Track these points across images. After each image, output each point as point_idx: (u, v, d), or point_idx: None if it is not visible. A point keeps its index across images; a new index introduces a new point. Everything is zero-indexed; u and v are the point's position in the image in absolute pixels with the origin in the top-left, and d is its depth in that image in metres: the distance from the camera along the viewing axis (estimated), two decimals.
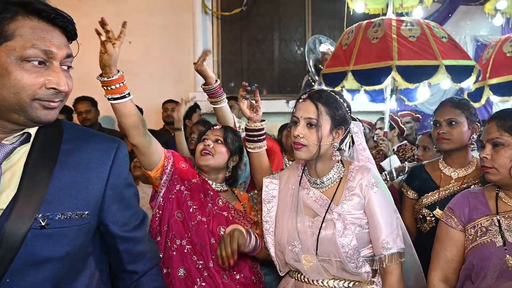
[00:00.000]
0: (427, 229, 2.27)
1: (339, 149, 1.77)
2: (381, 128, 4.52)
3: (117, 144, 1.24)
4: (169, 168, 2.02)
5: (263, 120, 2.14)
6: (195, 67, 2.38)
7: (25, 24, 1.02)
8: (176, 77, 5.82)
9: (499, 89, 4.04)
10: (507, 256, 1.54)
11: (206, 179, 2.13)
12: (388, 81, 3.31)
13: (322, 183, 1.77)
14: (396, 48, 3.21)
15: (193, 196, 2.02)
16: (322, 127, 1.69)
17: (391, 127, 4.57)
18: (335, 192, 1.73)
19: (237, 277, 1.97)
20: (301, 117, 1.72)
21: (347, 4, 4.55)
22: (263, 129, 2.11)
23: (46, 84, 1.04)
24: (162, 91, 5.43)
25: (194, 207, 1.99)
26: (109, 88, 1.74)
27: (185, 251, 1.93)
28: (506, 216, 1.61)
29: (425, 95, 4.05)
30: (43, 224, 1.05)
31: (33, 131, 1.12)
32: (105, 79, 1.72)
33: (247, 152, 2.18)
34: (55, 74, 1.06)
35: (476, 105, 4.31)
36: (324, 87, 3.56)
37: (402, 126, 4.57)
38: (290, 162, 2.74)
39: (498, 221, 1.61)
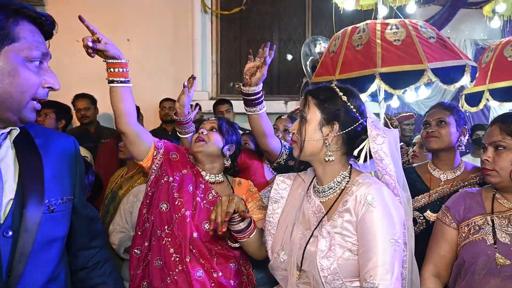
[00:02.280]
0: (417, 232, 2.25)
1: (354, 157, 1.60)
2: None
3: (73, 139, 1.42)
4: (158, 157, 2.05)
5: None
6: (180, 98, 2.37)
7: (26, 28, 1.14)
8: (174, 76, 5.81)
9: (499, 94, 3.96)
10: (497, 254, 1.58)
11: (200, 170, 2.12)
12: (374, 87, 3.27)
13: (324, 191, 1.58)
14: (380, 54, 3.14)
15: (181, 188, 2.01)
16: (308, 120, 1.54)
17: None
18: (332, 205, 1.54)
19: (214, 275, 1.94)
20: (298, 112, 1.65)
21: (335, 3, 4.48)
22: (258, 93, 2.07)
23: (43, 83, 1.16)
24: (160, 90, 5.41)
25: (180, 199, 1.99)
26: (116, 71, 1.82)
27: (163, 242, 1.95)
28: (500, 216, 1.66)
29: (424, 93, 4.06)
30: (52, 208, 1.23)
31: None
32: (116, 61, 1.81)
33: (248, 115, 2.17)
34: (49, 74, 1.18)
35: (474, 109, 4.27)
36: None
37: (392, 128, 4.52)
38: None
39: (492, 220, 1.65)
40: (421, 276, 1.74)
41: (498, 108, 5.04)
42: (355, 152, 1.57)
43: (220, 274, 1.95)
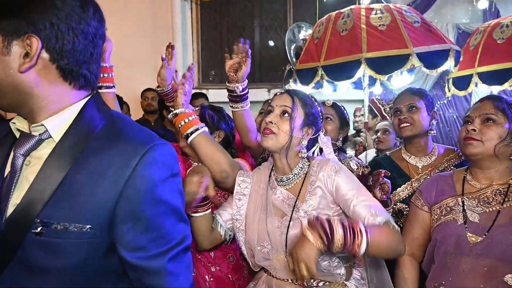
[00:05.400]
0: (403, 223, 2.25)
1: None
2: (363, 115, 4.47)
3: (147, 147, 1.00)
4: None
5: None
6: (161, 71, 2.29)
7: None
8: (155, 65, 5.61)
9: (488, 78, 3.90)
10: (468, 233, 1.62)
11: (193, 163, 2.09)
12: (361, 73, 3.24)
13: (288, 179, 1.74)
14: (365, 40, 3.12)
15: None
16: (295, 120, 1.69)
17: (374, 115, 4.51)
18: (300, 189, 1.71)
19: (212, 269, 1.94)
20: (276, 106, 1.72)
21: None
22: (244, 88, 2.10)
23: None
24: (141, 80, 5.30)
25: None
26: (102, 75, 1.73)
27: None
28: (470, 196, 1.71)
29: (407, 79, 4.04)
30: (38, 231, 0.94)
31: (50, 123, 1.01)
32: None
33: (232, 112, 2.17)
34: None
35: (462, 93, 4.26)
36: (298, 83, 3.52)
37: (385, 114, 4.50)
38: None
39: (462, 201, 1.70)
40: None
41: (480, 93, 5.05)
42: (310, 152, 1.81)
43: (218, 268, 1.95)
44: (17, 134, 1.04)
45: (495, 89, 4.10)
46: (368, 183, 2.30)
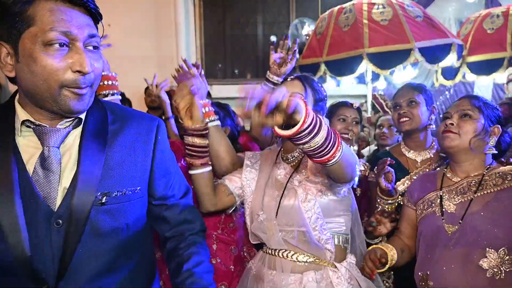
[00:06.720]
0: None
1: None
2: (366, 111, 4.48)
3: (157, 122, 1.31)
4: None
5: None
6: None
7: (44, 7, 1.02)
8: (159, 61, 5.71)
9: (477, 67, 3.94)
10: (445, 224, 1.71)
11: None
12: (363, 69, 3.25)
13: (293, 157, 1.81)
14: (367, 35, 3.14)
15: None
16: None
17: (376, 111, 4.52)
18: (299, 164, 1.78)
19: (213, 262, 1.97)
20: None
21: None
22: (280, 82, 2.17)
23: (72, 67, 1.05)
24: (144, 75, 5.29)
25: None
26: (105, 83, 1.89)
27: None
28: (448, 189, 1.81)
29: (411, 73, 4.04)
30: (102, 201, 1.15)
31: (83, 115, 1.18)
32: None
33: None
34: (77, 55, 1.05)
35: (449, 82, 4.26)
36: None
37: (387, 109, 4.50)
38: None
39: (441, 195, 1.80)
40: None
41: (482, 87, 5.04)
42: None
43: (219, 260, 1.98)
44: (21, 131, 1.14)
45: (486, 80, 4.10)
46: (369, 179, 2.34)
